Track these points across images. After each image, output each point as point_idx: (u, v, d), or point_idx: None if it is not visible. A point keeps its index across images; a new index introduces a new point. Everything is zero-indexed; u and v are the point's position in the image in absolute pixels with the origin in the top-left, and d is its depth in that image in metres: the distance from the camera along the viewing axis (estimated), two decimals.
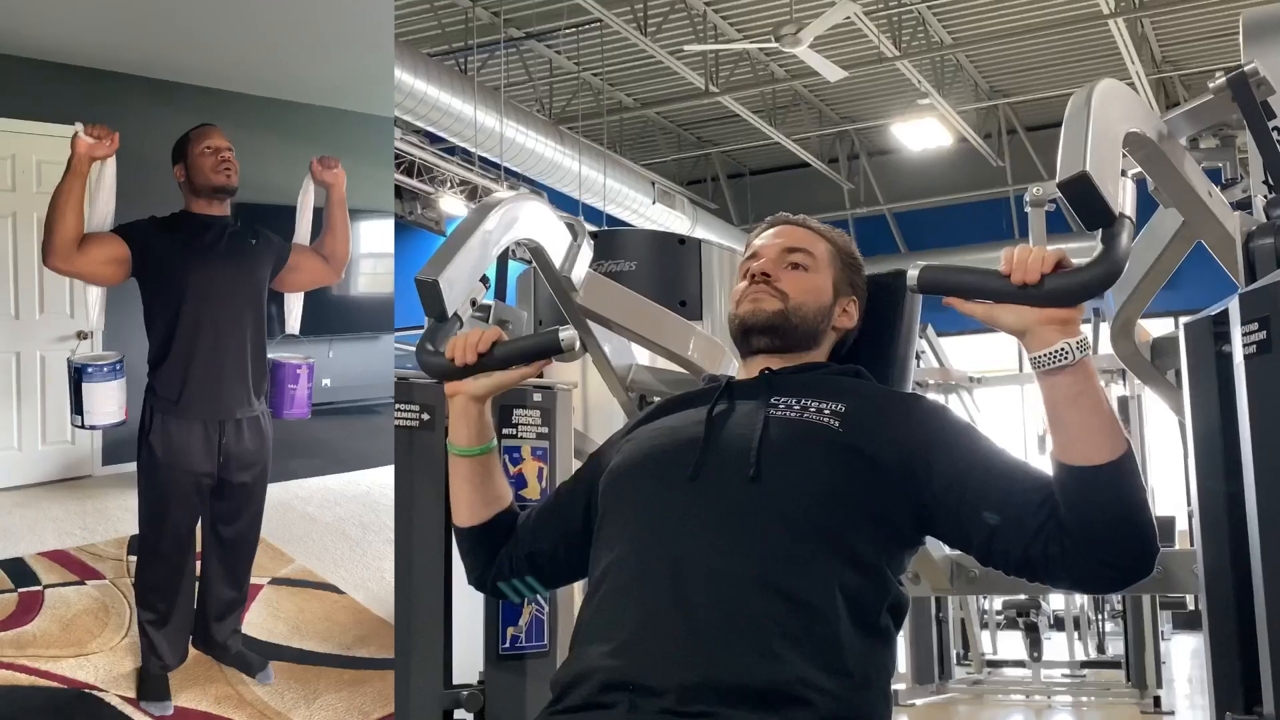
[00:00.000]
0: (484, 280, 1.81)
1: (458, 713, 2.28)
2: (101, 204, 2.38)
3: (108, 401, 2.45)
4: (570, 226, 2.21)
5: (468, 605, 2.32)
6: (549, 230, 2.12)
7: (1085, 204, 1.37)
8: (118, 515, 2.63)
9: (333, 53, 2.76)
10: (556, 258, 2.16)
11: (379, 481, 2.84)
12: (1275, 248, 1.74)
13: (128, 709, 2.32)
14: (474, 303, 1.79)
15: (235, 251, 2.57)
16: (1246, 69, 1.91)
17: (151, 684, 2.41)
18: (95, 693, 2.32)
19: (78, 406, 2.43)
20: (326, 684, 2.51)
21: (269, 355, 2.67)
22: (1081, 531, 1.37)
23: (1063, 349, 1.34)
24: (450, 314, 1.69)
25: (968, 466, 1.49)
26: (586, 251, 2.22)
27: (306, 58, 2.79)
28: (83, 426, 2.45)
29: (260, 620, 2.58)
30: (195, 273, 2.51)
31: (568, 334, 1.61)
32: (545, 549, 1.72)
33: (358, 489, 2.84)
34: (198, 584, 2.59)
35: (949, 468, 1.49)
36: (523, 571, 1.74)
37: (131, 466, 2.54)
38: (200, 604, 2.57)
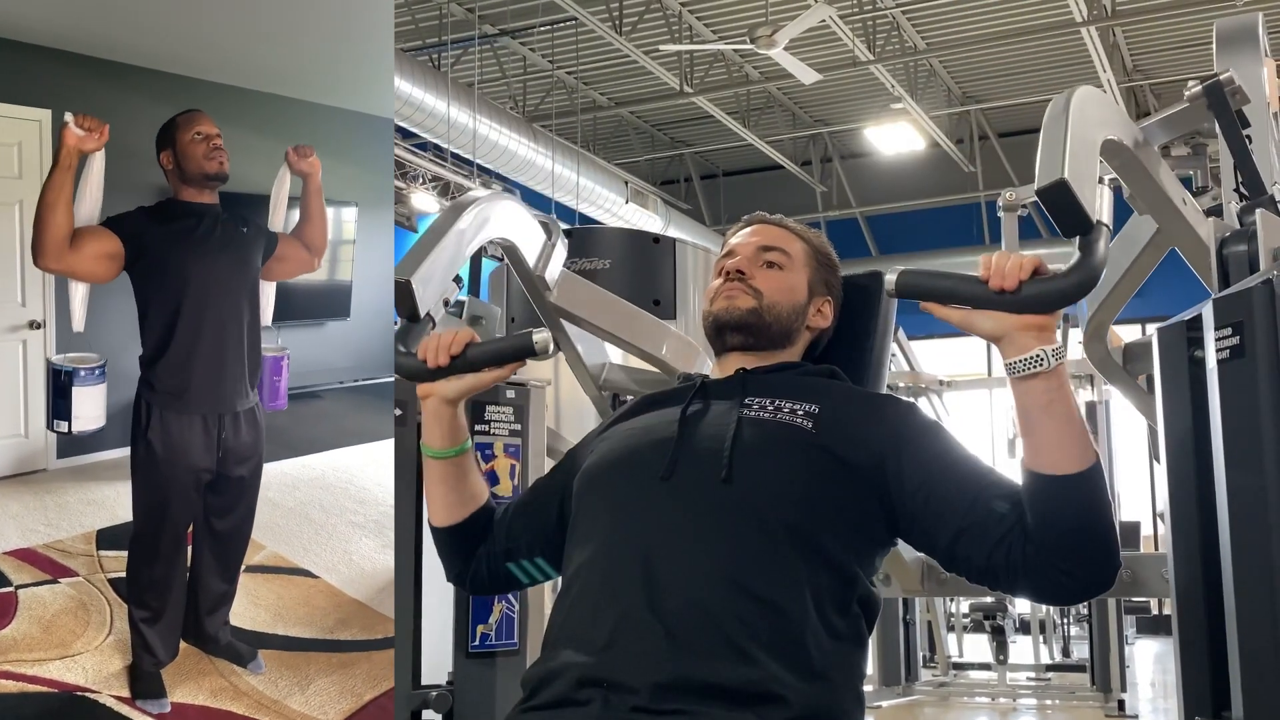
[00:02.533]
0: (457, 280, 1.80)
1: (426, 713, 2.26)
2: (90, 198, 2.32)
3: (94, 406, 2.41)
4: (544, 225, 2.20)
5: (437, 602, 2.31)
6: (523, 230, 2.11)
7: (1063, 211, 1.37)
8: (80, 509, 2.59)
9: (332, 51, 2.73)
10: (530, 257, 2.15)
11: (333, 465, 2.84)
12: (1249, 254, 1.75)
13: (124, 709, 2.28)
14: (446, 302, 1.77)
15: (230, 241, 2.54)
16: (1222, 78, 1.93)
17: (146, 681, 2.37)
18: (88, 695, 2.28)
19: (63, 412, 2.38)
20: (317, 668, 2.50)
21: None
22: (1045, 540, 1.38)
23: (1038, 355, 1.34)
24: (423, 314, 1.68)
25: (937, 470, 1.49)
26: (560, 251, 2.21)
27: (305, 56, 2.76)
28: (69, 433, 2.41)
29: (242, 610, 2.56)
30: (193, 264, 2.47)
31: (541, 336, 1.59)
32: (522, 546, 1.70)
33: (313, 473, 2.82)
34: (188, 577, 2.56)
35: (917, 470, 1.49)
36: (500, 569, 1.72)
37: (87, 459, 2.50)
38: (191, 598, 2.54)
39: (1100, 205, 1.39)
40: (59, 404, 2.38)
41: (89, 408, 2.40)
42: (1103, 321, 2.38)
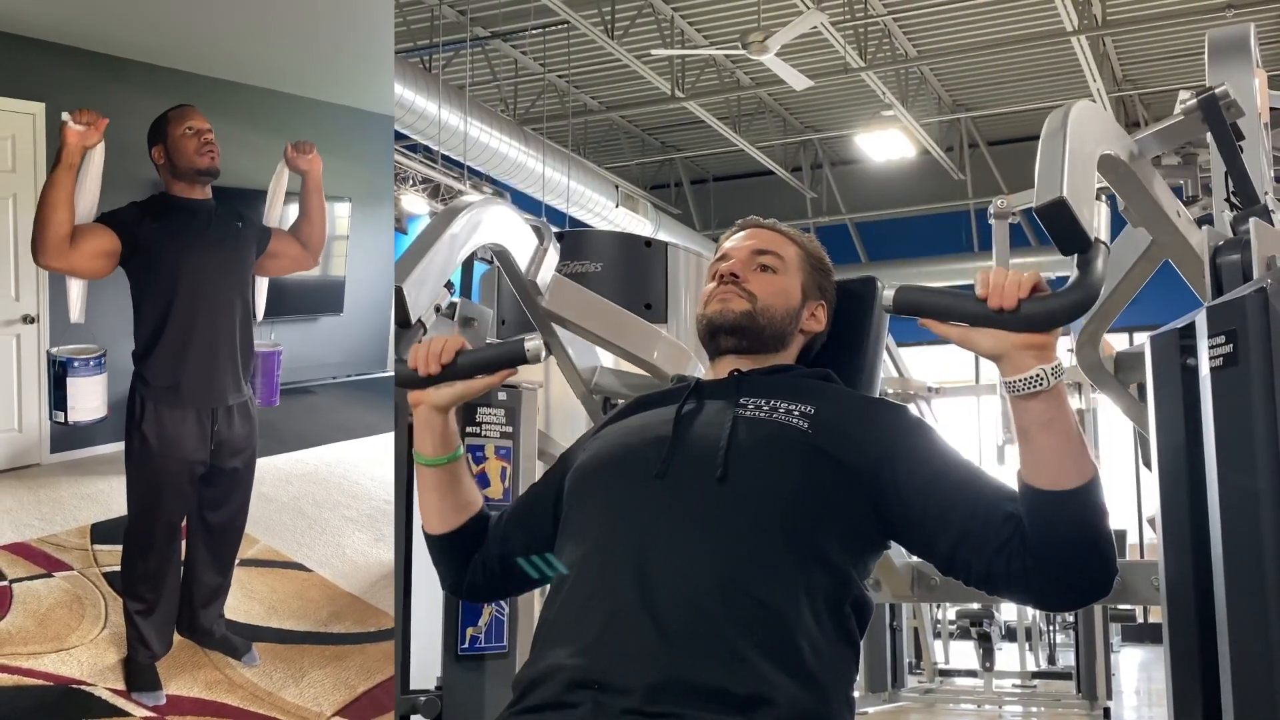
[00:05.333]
0: (449, 285, 1.79)
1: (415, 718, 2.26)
2: (88, 193, 2.32)
3: (92, 396, 2.40)
4: (537, 230, 2.19)
5: (427, 604, 2.31)
6: (515, 235, 2.11)
7: (1062, 230, 1.37)
8: (74, 504, 2.58)
9: (332, 47, 2.73)
10: (522, 262, 2.15)
11: (327, 459, 2.84)
12: (1242, 262, 1.75)
13: (120, 701, 2.29)
14: (438, 308, 1.77)
15: (223, 236, 2.53)
16: (1217, 91, 1.93)
17: (141, 674, 2.38)
18: (84, 688, 2.28)
19: (60, 402, 2.37)
20: (310, 661, 2.51)
21: None
22: (1045, 552, 1.38)
23: (1038, 375, 1.34)
24: (415, 320, 1.68)
25: (934, 475, 1.49)
26: (553, 255, 2.21)
27: (305, 51, 2.75)
28: (65, 423, 2.40)
29: (236, 603, 2.57)
30: (186, 259, 2.47)
31: (533, 344, 1.58)
32: (517, 550, 1.70)
33: (307, 467, 2.83)
34: (182, 570, 2.56)
35: (915, 474, 1.49)
36: (495, 574, 1.71)
37: (81, 454, 2.50)
38: (186, 590, 2.54)
39: (1098, 223, 1.39)
40: (57, 394, 2.37)
41: (86, 398, 2.39)
42: (1096, 331, 2.39)
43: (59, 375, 2.37)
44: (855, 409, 1.60)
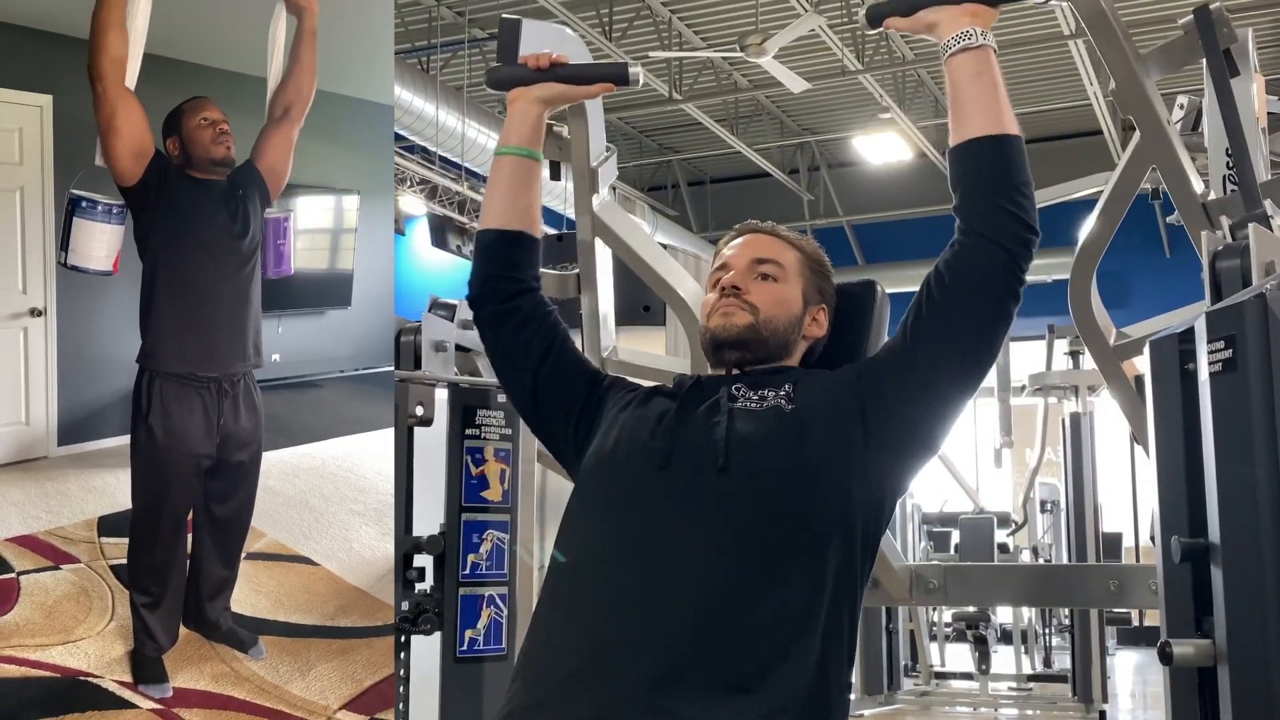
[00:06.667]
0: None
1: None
2: (140, 17, 2.28)
3: (97, 244, 2.34)
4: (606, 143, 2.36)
5: None
6: (595, 114, 2.27)
7: None
8: (81, 496, 2.58)
9: (333, 36, 2.72)
10: (592, 149, 2.25)
11: (333, 454, 2.84)
12: (1241, 268, 1.75)
13: (127, 693, 2.29)
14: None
15: (234, 208, 2.54)
16: (1211, 7, 1.96)
17: (148, 666, 2.38)
18: (91, 680, 2.28)
19: (64, 242, 2.33)
20: (317, 655, 2.51)
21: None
22: (967, 201, 1.53)
23: (967, 31, 1.54)
24: (519, 61, 1.80)
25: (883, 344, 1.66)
26: (612, 165, 2.38)
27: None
28: (64, 264, 2.35)
29: (243, 596, 2.57)
30: (198, 220, 2.48)
31: (635, 69, 1.75)
32: (553, 357, 1.74)
33: (314, 461, 2.83)
34: (189, 563, 2.56)
35: (875, 361, 1.64)
36: (524, 321, 1.74)
37: (89, 446, 2.49)
38: (192, 583, 2.54)
39: None
40: (64, 236, 2.33)
41: (87, 243, 2.33)
42: (1087, 267, 2.41)
43: (69, 213, 2.32)
44: (830, 374, 1.65)
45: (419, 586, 2.56)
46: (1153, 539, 1.91)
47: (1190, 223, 2.15)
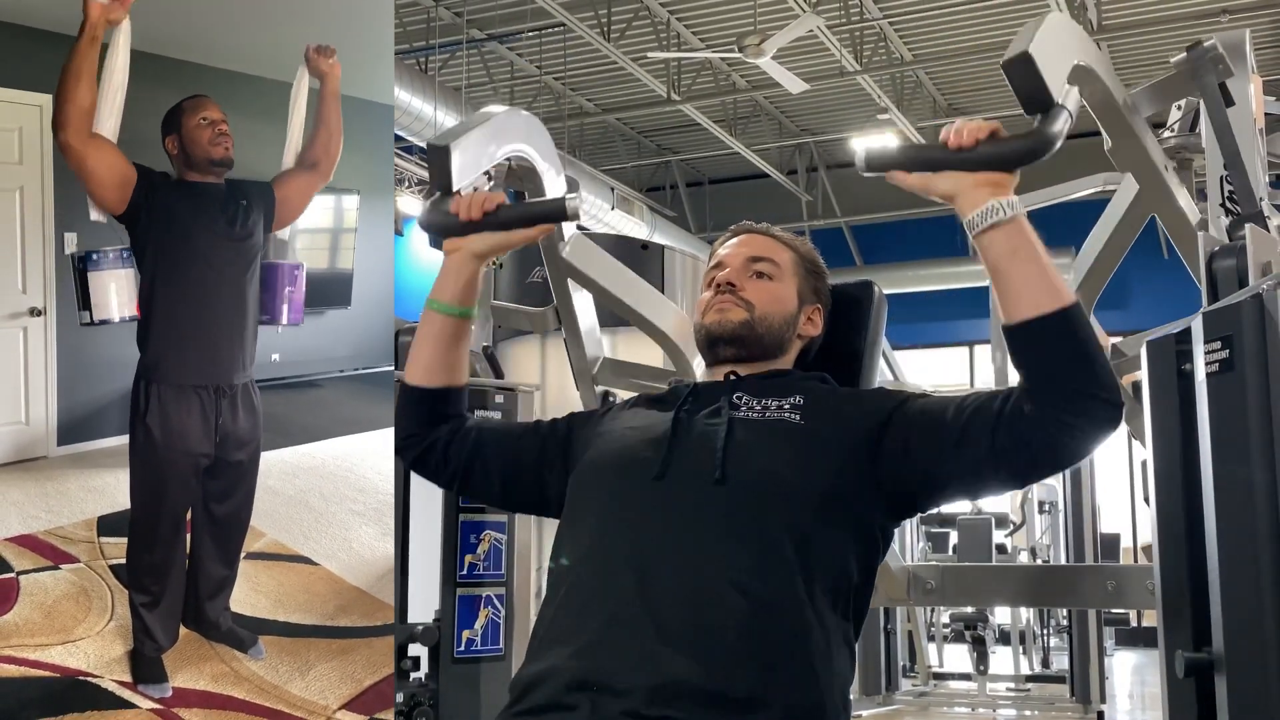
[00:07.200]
0: (487, 174, 1.80)
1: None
2: (112, 100, 2.27)
3: (117, 292, 2.35)
4: (567, 179, 2.21)
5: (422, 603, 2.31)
6: (549, 161, 2.12)
7: (1026, 85, 1.41)
8: (80, 496, 2.58)
9: (333, 37, 2.72)
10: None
11: (332, 453, 2.84)
12: (1237, 268, 1.76)
13: (126, 693, 2.29)
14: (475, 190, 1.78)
15: (232, 217, 2.53)
16: (1205, 44, 1.95)
17: (147, 666, 2.38)
18: (90, 679, 2.29)
19: (84, 302, 2.32)
20: (317, 654, 2.52)
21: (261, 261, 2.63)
22: (1042, 388, 1.37)
23: (993, 206, 1.38)
24: (455, 189, 1.68)
25: (925, 411, 1.51)
26: (578, 208, 2.23)
27: (305, 41, 2.75)
28: (91, 322, 2.35)
29: (242, 596, 2.58)
30: (195, 230, 2.47)
31: (573, 202, 1.61)
32: (489, 456, 1.70)
33: (313, 461, 2.83)
34: (188, 563, 2.56)
35: (909, 420, 1.51)
36: (454, 460, 1.71)
37: (88, 446, 2.49)
38: (191, 583, 2.54)
39: (1065, 96, 1.42)
40: (81, 295, 2.32)
41: (105, 294, 2.34)
42: (1087, 300, 2.40)
43: (80, 271, 2.31)
44: (844, 394, 1.64)
45: (413, 675, 2.53)
46: (1147, 550, 1.91)
47: (1194, 263, 2.14)
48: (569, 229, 2.18)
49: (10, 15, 2.30)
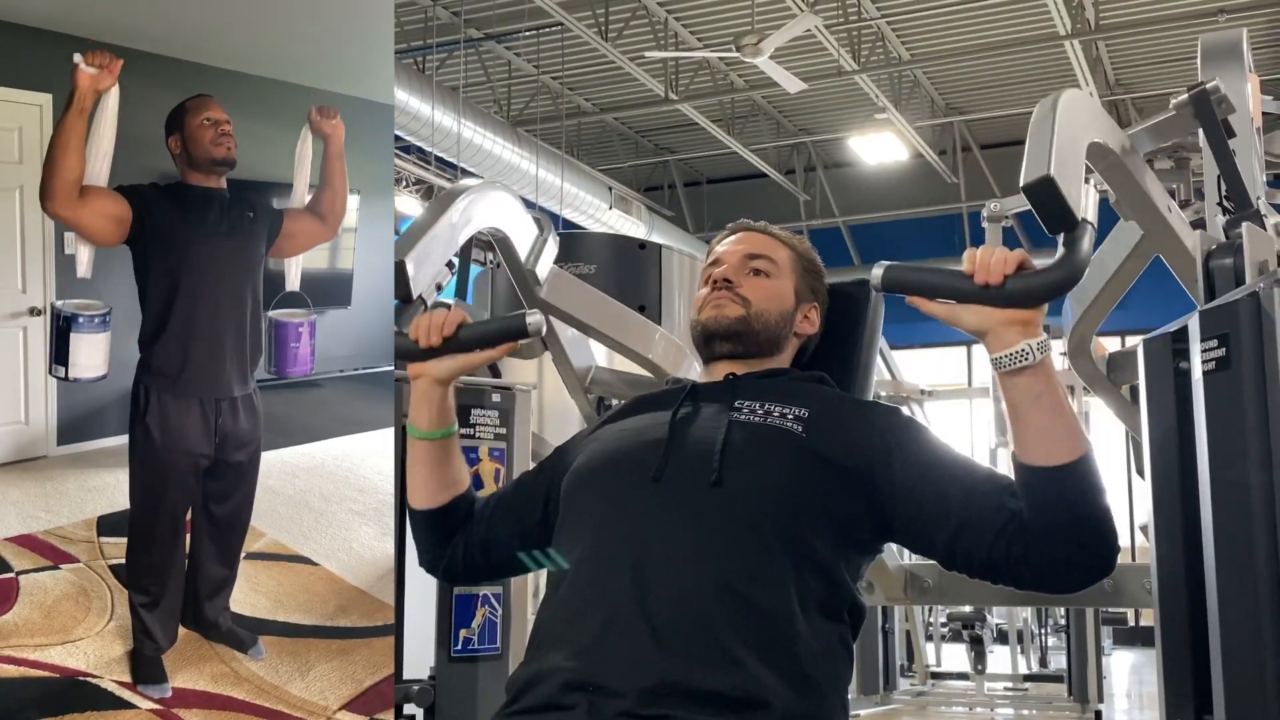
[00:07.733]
0: (450, 265, 1.80)
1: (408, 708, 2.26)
2: (102, 150, 2.28)
3: (95, 354, 2.36)
4: (536, 221, 2.20)
5: (420, 600, 2.31)
6: (515, 221, 2.11)
7: (1048, 208, 1.38)
8: (80, 496, 2.58)
9: (333, 36, 2.72)
10: (522, 250, 2.15)
11: (332, 453, 2.84)
12: (1234, 266, 1.76)
13: (126, 694, 2.29)
14: (439, 287, 1.77)
15: (235, 225, 2.54)
16: (1208, 86, 1.94)
17: (147, 666, 2.38)
18: (90, 680, 2.29)
19: (61, 358, 2.33)
20: (317, 655, 2.51)
21: (269, 314, 2.63)
22: (1044, 531, 1.37)
23: (1024, 350, 1.34)
24: (416, 296, 1.68)
25: (928, 471, 1.49)
26: (552, 247, 2.21)
27: (305, 41, 2.75)
28: (65, 379, 2.36)
29: (242, 596, 2.57)
30: (196, 245, 2.46)
31: (534, 319, 1.58)
32: (501, 537, 1.70)
33: (313, 460, 2.83)
34: (187, 563, 2.56)
35: (910, 472, 1.49)
36: (476, 558, 1.72)
37: (88, 446, 2.49)
38: (191, 583, 2.54)
39: (1085, 204, 1.39)
40: (59, 349, 2.33)
41: (87, 355, 2.35)
42: (1085, 333, 2.40)
43: (63, 330, 2.33)
44: (849, 411, 1.60)
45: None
46: (1144, 529, 1.91)
47: (1197, 294, 2.13)
48: (543, 269, 2.18)
49: (10, 15, 2.30)
